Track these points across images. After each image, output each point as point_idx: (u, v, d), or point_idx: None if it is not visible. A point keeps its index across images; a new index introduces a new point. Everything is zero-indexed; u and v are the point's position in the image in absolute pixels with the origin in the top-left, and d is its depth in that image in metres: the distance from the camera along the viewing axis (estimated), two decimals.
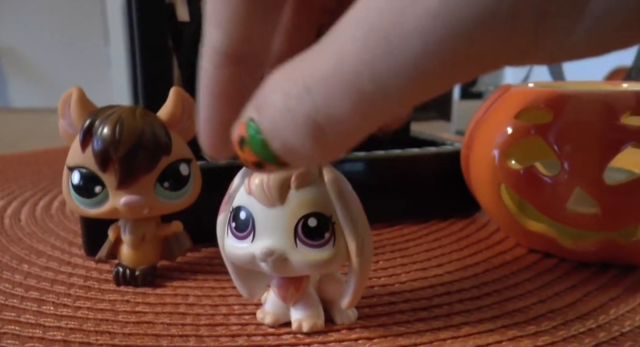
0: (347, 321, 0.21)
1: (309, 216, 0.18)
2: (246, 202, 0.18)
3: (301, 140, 0.14)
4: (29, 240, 0.31)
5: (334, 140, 0.14)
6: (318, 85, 0.13)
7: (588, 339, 0.20)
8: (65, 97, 0.23)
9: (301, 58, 0.14)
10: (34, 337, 0.20)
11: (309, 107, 0.13)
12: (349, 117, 0.13)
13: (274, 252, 0.18)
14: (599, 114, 0.25)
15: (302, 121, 0.13)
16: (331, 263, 0.18)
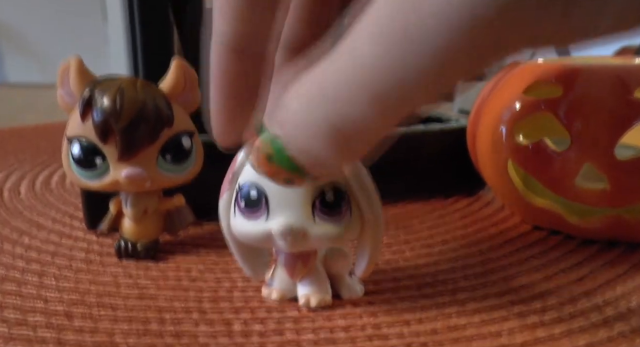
0: (355, 295, 0.21)
1: (326, 188, 0.18)
2: (257, 179, 0.18)
3: (325, 150, 0.14)
4: (29, 213, 0.31)
5: (356, 143, 0.14)
6: (336, 90, 0.13)
7: (595, 315, 0.20)
8: (64, 67, 0.22)
9: (317, 66, 0.14)
10: (35, 309, 0.20)
11: (329, 114, 0.13)
12: (369, 119, 0.13)
13: (294, 227, 0.17)
14: (611, 88, 0.24)
15: (323, 130, 0.13)
16: (348, 234, 0.18)
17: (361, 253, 0.20)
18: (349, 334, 0.18)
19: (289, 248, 0.18)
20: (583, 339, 0.18)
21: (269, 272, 0.21)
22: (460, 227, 0.30)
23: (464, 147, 0.32)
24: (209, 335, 0.18)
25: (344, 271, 0.21)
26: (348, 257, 0.21)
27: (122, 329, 0.19)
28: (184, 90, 0.24)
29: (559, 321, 0.19)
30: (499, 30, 0.11)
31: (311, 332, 0.19)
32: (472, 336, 0.18)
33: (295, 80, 0.14)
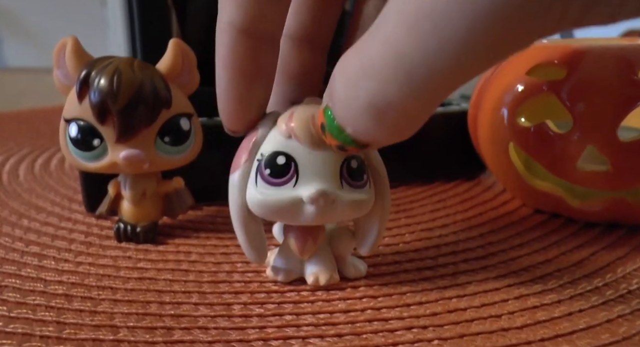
0: (359, 274, 0.21)
1: (350, 157, 0.18)
2: (284, 146, 0.18)
3: (367, 124, 0.15)
4: (28, 196, 0.31)
5: (395, 121, 0.14)
6: (373, 72, 0.14)
7: (595, 297, 0.20)
8: (59, 47, 0.22)
9: (358, 43, 0.14)
10: (35, 291, 0.20)
11: (368, 94, 0.14)
12: (404, 100, 0.14)
13: (327, 192, 0.17)
14: (615, 68, 0.24)
15: (363, 107, 0.14)
16: (369, 203, 0.19)
17: (368, 230, 0.20)
18: (349, 316, 0.18)
19: (315, 216, 0.18)
20: (583, 321, 0.18)
21: (269, 254, 0.21)
22: (461, 210, 0.30)
23: (465, 130, 0.32)
24: (209, 317, 0.18)
25: (347, 251, 0.21)
26: (352, 237, 0.21)
27: (122, 311, 0.19)
28: (182, 71, 0.24)
29: (559, 303, 0.19)
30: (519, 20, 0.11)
31: (311, 315, 0.18)
32: (472, 318, 0.18)
33: (343, 56, 0.15)
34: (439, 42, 0.12)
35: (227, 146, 0.28)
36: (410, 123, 0.15)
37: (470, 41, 0.12)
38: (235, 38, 0.17)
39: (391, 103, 0.14)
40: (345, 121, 0.15)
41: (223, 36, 0.17)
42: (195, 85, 0.24)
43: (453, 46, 0.12)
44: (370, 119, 0.14)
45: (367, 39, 0.14)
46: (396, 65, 0.13)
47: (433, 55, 0.12)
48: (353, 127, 0.15)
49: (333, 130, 0.16)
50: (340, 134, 0.16)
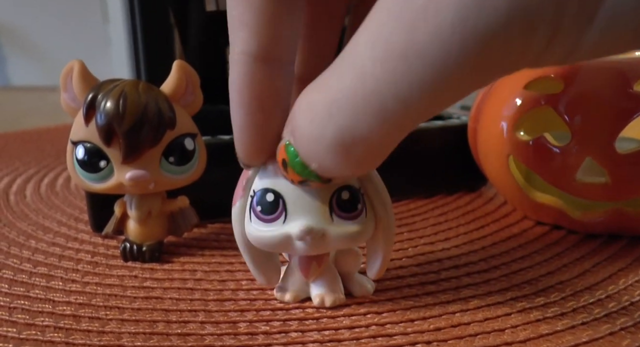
0: (367, 292, 0.21)
1: (341, 188, 0.18)
2: (272, 183, 0.18)
3: (334, 161, 0.15)
4: (35, 216, 0.31)
5: (362, 156, 0.14)
6: (340, 107, 0.13)
7: (598, 310, 0.20)
8: (66, 71, 0.23)
9: (322, 78, 0.14)
10: (43, 312, 0.20)
11: (336, 130, 0.14)
12: (374, 135, 0.14)
13: (314, 229, 0.17)
14: (611, 82, 0.24)
15: (330, 144, 0.14)
16: (365, 234, 0.19)
17: (374, 254, 0.20)
18: (354, 333, 0.19)
19: (307, 251, 0.18)
20: (586, 334, 0.18)
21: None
22: (463, 223, 0.30)
23: (465, 143, 0.32)
24: (215, 336, 0.19)
25: (354, 269, 0.21)
26: (358, 256, 0.21)
27: (129, 330, 0.19)
28: (186, 92, 0.24)
29: (561, 316, 0.19)
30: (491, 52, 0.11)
31: (316, 332, 0.19)
32: (475, 333, 0.18)
33: (304, 91, 0.15)
34: (413, 80, 0.12)
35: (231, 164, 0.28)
36: (377, 156, 0.15)
37: (444, 79, 0.12)
38: (252, 66, 0.16)
39: (360, 139, 0.14)
40: (310, 158, 0.15)
41: (238, 66, 0.16)
42: (199, 105, 0.25)
43: (428, 84, 0.12)
44: (337, 155, 0.14)
45: (333, 73, 0.14)
46: (368, 101, 0.13)
47: (408, 93, 0.12)
48: (318, 163, 0.15)
49: (296, 166, 0.16)
50: (304, 170, 0.15)
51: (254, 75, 0.16)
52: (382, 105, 0.13)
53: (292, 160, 0.16)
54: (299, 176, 0.16)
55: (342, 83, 0.13)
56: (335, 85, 0.14)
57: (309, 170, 0.15)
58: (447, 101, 0.13)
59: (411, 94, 0.12)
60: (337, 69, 0.14)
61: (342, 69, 0.13)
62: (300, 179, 0.16)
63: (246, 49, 0.16)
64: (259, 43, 0.16)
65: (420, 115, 0.13)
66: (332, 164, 0.15)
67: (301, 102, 0.15)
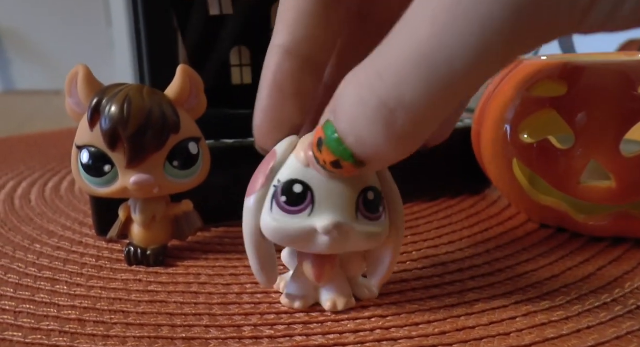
0: (372, 295, 0.21)
1: (368, 189, 0.18)
2: (301, 174, 0.17)
3: (374, 130, 0.14)
4: (39, 220, 0.32)
5: (406, 127, 0.14)
6: (390, 68, 0.13)
7: (603, 313, 0.20)
8: (71, 76, 0.23)
9: (372, 54, 0.14)
10: (49, 316, 0.20)
11: (381, 91, 0.14)
12: (420, 98, 0.13)
13: (342, 224, 0.17)
14: (615, 84, 0.24)
15: (374, 106, 0.14)
16: (383, 236, 0.19)
17: (379, 260, 0.20)
18: (359, 336, 0.19)
19: (328, 247, 0.18)
20: (592, 338, 0.18)
21: (279, 280, 0.21)
22: (467, 227, 0.30)
23: (469, 146, 0.32)
24: (220, 340, 0.19)
25: (359, 273, 0.21)
26: (363, 259, 0.21)
27: (134, 335, 0.19)
28: (190, 96, 0.24)
29: (567, 320, 0.19)
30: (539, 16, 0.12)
31: (321, 336, 0.19)
32: (480, 337, 0.18)
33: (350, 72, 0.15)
34: (461, 37, 0.12)
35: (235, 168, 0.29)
36: (418, 132, 0.14)
37: (486, 37, 0.12)
38: (281, 58, 0.17)
39: (404, 103, 0.13)
40: (349, 128, 0.15)
41: (270, 57, 0.18)
42: (203, 109, 0.25)
43: (475, 42, 0.12)
44: (378, 124, 0.14)
45: (386, 42, 0.14)
46: (417, 62, 0.13)
47: (457, 52, 0.12)
48: (356, 135, 0.15)
49: (331, 143, 0.15)
50: (339, 147, 0.15)
51: (281, 66, 0.18)
52: (431, 62, 0.13)
53: (328, 137, 0.15)
54: (333, 154, 0.15)
55: (394, 49, 0.13)
56: (386, 52, 0.14)
57: (344, 147, 0.15)
58: (491, 65, 0.13)
59: (458, 55, 0.12)
60: (388, 40, 0.14)
61: (394, 37, 0.14)
62: (333, 159, 0.16)
63: (280, 42, 0.18)
64: (292, 38, 0.17)
65: (467, 83, 0.13)
66: (370, 135, 0.14)
67: (347, 78, 0.15)
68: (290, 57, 0.18)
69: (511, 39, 0.12)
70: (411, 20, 0.13)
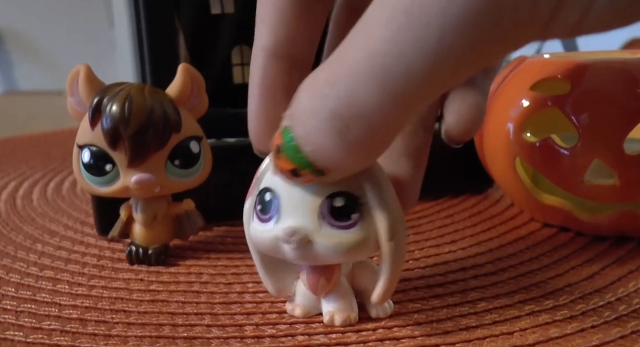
0: (383, 314, 0.20)
1: (335, 194, 0.16)
2: (271, 183, 0.17)
3: (329, 140, 0.14)
4: (41, 220, 0.32)
5: (361, 135, 0.13)
6: (343, 76, 0.13)
7: (607, 313, 0.19)
8: (72, 75, 0.23)
9: (327, 60, 0.14)
10: (50, 316, 0.20)
11: (332, 101, 0.13)
12: (377, 105, 0.13)
13: (297, 231, 0.16)
14: (619, 82, 0.24)
15: (325, 117, 0.13)
16: (359, 247, 0.17)
17: (379, 273, 0.18)
18: (361, 336, 0.18)
19: (296, 257, 0.17)
20: (596, 337, 0.18)
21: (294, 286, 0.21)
22: (470, 226, 0.30)
23: (471, 145, 0.32)
24: (222, 339, 0.19)
25: (370, 286, 0.19)
26: (376, 272, 0.19)
27: (136, 334, 0.19)
28: (191, 95, 0.24)
29: (571, 319, 0.19)
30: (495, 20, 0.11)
31: (323, 335, 0.19)
32: (484, 336, 0.18)
33: (308, 76, 0.15)
34: (418, 39, 0.12)
35: (236, 167, 0.28)
36: (375, 139, 0.14)
37: (445, 42, 0.12)
38: (267, 61, 0.17)
39: (359, 111, 0.13)
40: (305, 137, 0.14)
41: (256, 60, 0.17)
42: (204, 108, 0.25)
43: (433, 43, 0.12)
44: (333, 132, 0.13)
45: (336, 52, 0.14)
46: (369, 65, 0.12)
47: (412, 58, 0.12)
48: (312, 144, 0.14)
49: (288, 151, 0.15)
50: (296, 155, 0.14)
51: (268, 68, 0.17)
52: (384, 67, 0.12)
53: (285, 144, 0.15)
54: (291, 162, 0.15)
55: (348, 53, 0.13)
56: (338, 59, 0.13)
57: (301, 155, 0.14)
58: (452, 75, 0.12)
59: (414, 55, 0.12)
60: (342, 46, 0.13)
61: (347, 43, 0.13)
62: (291, 167, 0.15)
63: (264, 45, 0.17)
64: (276, 40, 0.17)
65: (425, 87, 0.12)
66: (328, 144, 0.14)
67: (303, 84, 0.15)
68: (277, 59, 0.17)
69: (471, 44, 0.12)
70: (366, 23, 0.13)
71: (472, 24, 0.11)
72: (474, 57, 0.12)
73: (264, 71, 0.17)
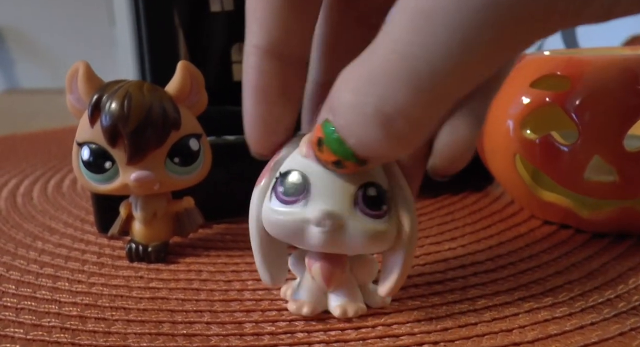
0: (383, 303, 0.20)
1: (369, 184, 0.17)
2: (301, 165, 0.17)
3: (373, 133, 0.14)
4: (41, 217, 0.32)
5: (403, 128, 0.14)
6: (380, 76, 0.14)
7: (607, 310, 0.19)
8: (72, 72, 0.23)
9: (364, 53, 0.14)
10: (50, 313, 0.20)
11: (376, 99, 0.14)
12: (413, 103, 0.14)
13: (333, 214, 0.16)
14: (619, 79, 0.24)
15: (371, 113, 0.14)
16: (385, 237, 0.17)
17: (390, 267, 0.18)
18: (360, 333, 0.18)
19: (323, 242, 0.17)
20: (595, 334, 0.18)
21: (286, 286, 0.21)
22: (470, 223, 0.30)
23: None
24: (221, 336, 0.19)
25: (369, 278, 0.20)
26: (374, 264, 0.20)
27: (135, 331, 0.19)
28: (190, 92, 0.24)
29: (570, 316, 0.19)
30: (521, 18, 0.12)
31: (322, 332, 0.19)
32: (483, 333, 0.18)
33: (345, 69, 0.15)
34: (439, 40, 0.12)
35: (236, 165, 0.28)
36: (416, 131, 0.14)
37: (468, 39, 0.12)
38: (261, 60, 0.17)
39: (399, 109, 0.14)
40: (350, 130, 0.15)
41: (249, 59, 0.17)
42: (204, 105, 0.25)
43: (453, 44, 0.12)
44: (377, 127, 0.14)
45: (371, 47, 0.14)
46: (401, 67, 0.13)
47: (438, 57, 0.12)
48: (357, 136, 0.15)
49: (332, 143, 0.15)
50: (341, 147, 0.15)
51: (262, 68, 0.17)
52: (416, 72, 0.13)
53: (329, 136, 0.15)
54: (335, 154, 0.15)
55: (380, 54, 0.14)
56: (372, 56, 0.14)
57: (345, 147, 0.15)
58: (476, 69, 0.13)
59: (442, 56, 0.12)
60: (376, 42, 0.14)
61: (379, 41, 0.14)
62: (335, 159, 0.15)
63: (257, 43, 0.17)
64: (269, 38, 0.17)
65: (453, 83, 0.13)
66: (372, 137, 0.14)
67: (342, 77, 0.15)
68: (270, 58, 0.17)
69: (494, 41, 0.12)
70: (392, 25, 0.13)
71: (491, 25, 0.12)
72: (498, 51, 0.13)
73: (258, 71, 0.17)
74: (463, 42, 0.12)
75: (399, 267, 0.18)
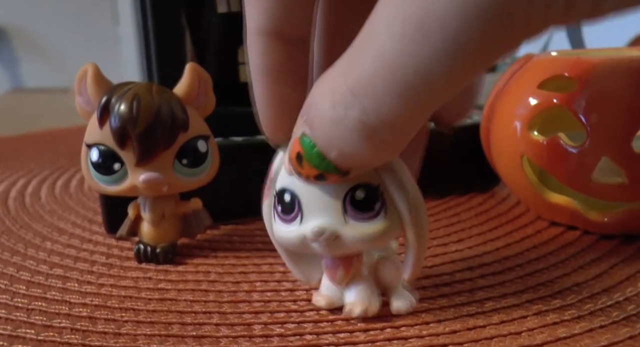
0: (405, 308, 0.20)
1: (356, 187, 0.17)
2: (288, 183, 0.17)
3: (357, 146, 0.14)
4: (50, 218, 0.32)
5: (388, 138, 0.14)
6: (364, 88, 0.13)
7: (616, 313, 0.19)
8: (81, 74, 0.23)
9: (341, 63, 0.14)
10: (60, 314, 0.20)
11: (359, 112, 0.13)
12: (400, 113, 0.13)
13: (325, 230, 0.17)
14: (627, 80, 0.24)
15: (353, 127, 0.14)
16: (385, 235, 0.17)
17: (406, 254, 0.19)
18: (369, 335, 0.19)
19: (325, 252, 0.18)
20: (605, 337, 0.18)
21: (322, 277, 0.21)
22: (476, 224, 0.30)
23: (478, 143, 0.32)
24: (230, 338, 0.19)
25: (395, 282, 0.20)
26: (398, 266, 0.20)
27: (145, 332, 0.19)
28: (198, 94, 0.24)
29: (579, 319, 0.19)
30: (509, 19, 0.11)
31: (331, 334, 0.19)
32: (491, 336, 0.18)
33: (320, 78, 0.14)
34: (433, 51, 0.12)
35: (244, 166, 0.29)
36: (402, 139, 0.14)
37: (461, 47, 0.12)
38: (267, 44, 0.16)
39: (385, 119, 0.13)
40: (330, 144, 0.14)
41: (254, 44, 0.17)
42: (212, 107, 0.25)
43: (448, 54, 0.12)
44: (361, 139, 0.14)
45: (352, 56, 0.14)
46: (390, 79, 0.13)
47: (429, 65, 0.12)
48: (340, 149, 0.14)
49: (313, 158, 0.15)
50: (322, 162, 0.15)
51: (270, 52, 0.16)
52: (404, 80, 0.12)
53: (308, 151, 0.15)
54: (316, 169, 0.15)
55: (363, 64, 0.13)
56: (356, 67, 0.13)
57: (327, 161, 0.15)
58: (471, 71, 0.13)
59: (433, 66, 0.12)
60: (356, 51, 0.13)
61: (362, 50, 0.13)
62: (316, 173, 0.15)
63: (260, 27, 0.16)
64: (272, 20, 0.16)
65: (444, 89, 0.13)
66: (356, 150, 0.14)
67: (319, 89, 0.14)
68: (276, 40, 0.16)
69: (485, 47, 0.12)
70: (376, 32, 0.13)
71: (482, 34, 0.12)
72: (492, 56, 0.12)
73: (265, 56, 0.17)
74: (458, 51, 0.12)
75: (412, 252, 0.18)
